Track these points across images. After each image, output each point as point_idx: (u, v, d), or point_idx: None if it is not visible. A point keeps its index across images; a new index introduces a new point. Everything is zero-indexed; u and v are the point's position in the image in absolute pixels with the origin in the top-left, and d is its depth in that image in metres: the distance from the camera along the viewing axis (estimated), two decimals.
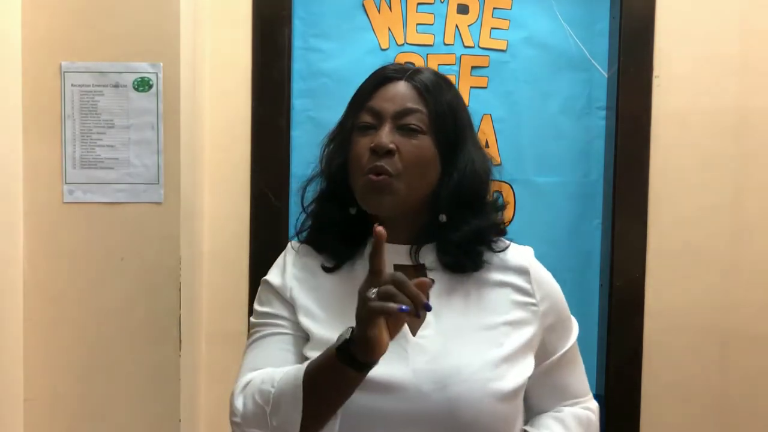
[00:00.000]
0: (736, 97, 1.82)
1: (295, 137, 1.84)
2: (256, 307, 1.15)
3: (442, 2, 1.86)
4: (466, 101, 1.85)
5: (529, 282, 1.11)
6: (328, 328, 1.05)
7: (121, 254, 1.57)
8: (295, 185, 1.85)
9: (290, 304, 1.10)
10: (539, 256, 1.86)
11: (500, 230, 1.14)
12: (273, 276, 1.15)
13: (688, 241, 1.83)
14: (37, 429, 1.58)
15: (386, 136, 1.04)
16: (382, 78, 1.10)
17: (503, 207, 1.15)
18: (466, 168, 1.09)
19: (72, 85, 1.56)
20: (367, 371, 0.92)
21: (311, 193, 1.17)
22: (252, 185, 1.81)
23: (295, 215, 1.81)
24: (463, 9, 1.86)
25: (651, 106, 1.82)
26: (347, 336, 0.92)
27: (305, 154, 1.85)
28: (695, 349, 1.85)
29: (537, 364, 1.12)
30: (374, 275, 0.91)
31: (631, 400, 1.85)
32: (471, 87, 1.86)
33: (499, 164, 1.21)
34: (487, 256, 1.10)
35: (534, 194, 1.88)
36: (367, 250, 1.09)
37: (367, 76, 1.81)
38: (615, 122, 1.83)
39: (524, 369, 1.06)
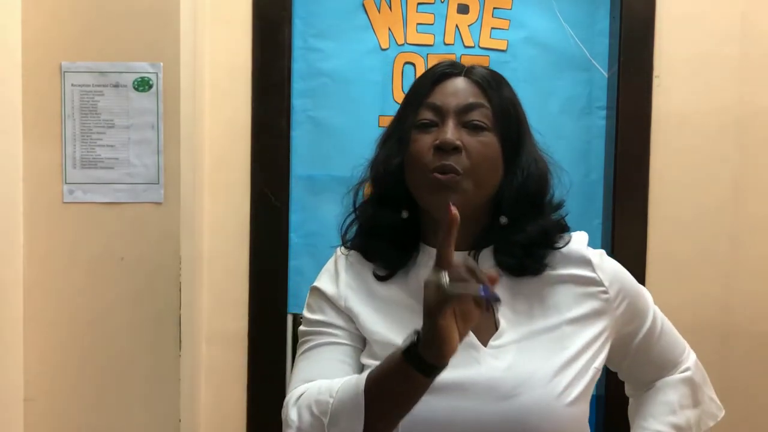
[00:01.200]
0: (736, 97, 1.82)
1: (295, 137, 1.84)
2: (307, 314, 1.10)
3: (442, 2, 1.86)
4: None
5: (593, 270, 1.06)
6: (388, 333, 1.01)
7: (121, 254, 1.57)
8: (295, 185, 1.85)
9: (345, 314, 1.06)
10: None
11: (563, 228, 1.09)
12: (324, 283, 1.09)
13: (688, 241, 1.83)
14: (37, 429, 1.58)
15: (452, 132, 0.99)
16: (439, 74, 1.04)
17: (561, 204, 1.10)
18: (530, 167, 1.05)
19: (72, 84, 1.56)
20: (436, 375, 0.87)
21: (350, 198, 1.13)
22: (252, 185, 1.80)
23: (296, 214, 1.84)
24: (463, 9, 1.86)
25: (651, 106, 1.82)
26: (414, 338, 0.86)
27: (305, 154, 1.85)
28: (695, 349, 1.83)
29: (623, 348, 1.10)
30: (443, 264, 0.84)
31: None
32: None
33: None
34: (549, 256, 1.06)
35: None
36: (420, 257, 1.06)
37: (367, 75, 1.85)
38: (615, 122, 1.83)
39: (594, 366, 1.02)
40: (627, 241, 1.83)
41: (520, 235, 1.03)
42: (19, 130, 1.55)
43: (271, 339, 1.81)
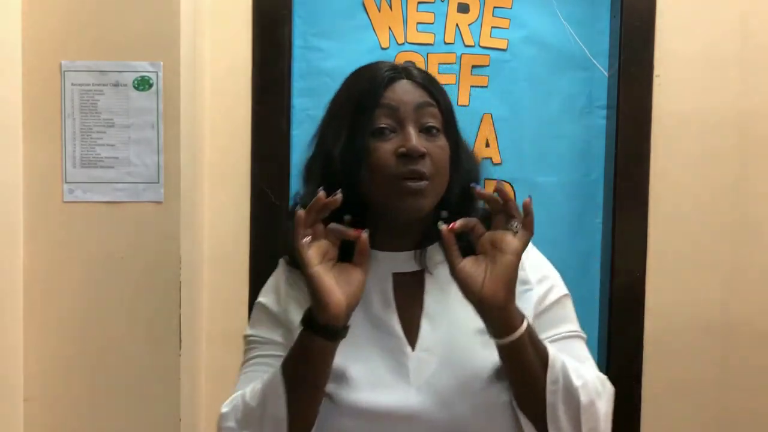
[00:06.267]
0: (736, 97, 1.82)
1: (295, 136, 1.84)
2: (247, 329, 1.12)
3: (442, 1, 1.86)
4: (466, 100, 1.87)
5: (523, 268, 1.05)
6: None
7: (121, 254, 1.57)
8: (295, 184, 1.84)
9: (285, 327, 1.06)
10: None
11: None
12: (267, 298, 1.11)
13: (688, 239, 1.83)
14: (37, 429, 1.57)
15: (416, 139, 0.99)
16: (388, 78, 1.03)
17: None
18: (469, 161, 1.08)
19: (72, 84, 1.55)
20: (335, 337, 0.93)
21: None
22: (252, 184, 1.80)
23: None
24: (463, 8, 1.86)
25: (651, 105, 1.82)
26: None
27: (305, 153, 1.85)
28: (696, 348, 1.85)
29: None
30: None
31: (631, 400, 1.84)
32: (471, 86, 1.86)
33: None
34: None
35: (534, 193, 1.87)
36: (372, 263, 1.04)
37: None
38: (615, 121, 1.83)
39: None
40: (627, 241, 1.83)
41: None
42: (19, 129, 1.55)
43: None
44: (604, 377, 1.04)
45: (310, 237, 0.93)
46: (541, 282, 1.09)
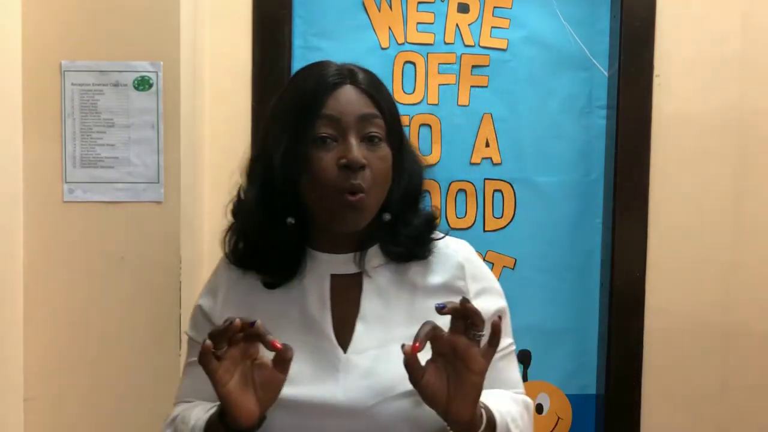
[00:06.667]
0: (736, 97, 1.82)
1: None
2: (187, 330, 1.13)
3: (442, 1, 1.86)
4: (466, 100, 1.87)
5: (464, 278, 1.07)
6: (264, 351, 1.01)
7: (121, 254, 1.57)
8: None
9: None
10: (540, 256, 1.88)
11: (436, 214, 1.12)
12: (204, 300, 1.11)
13: (688, 240, 1.84)
14: (37, 429, 1.57)
15: (356, 149, 0.99)
16: (331, 85, 1.02)
17: (425, 191, 1.13)
18: (413, 166, 1.08)
19: (72, 84, 1.55)
20: None
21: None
22: None
23: None
24: (463, 8, 1.86)
25: (651, 105, 1.82)
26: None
27: None
28: (695, 349, 1.85)
29: None
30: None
31: (631, 400, 1.85)
32: (471, 86, 1.86)
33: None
34: (430, 256, 1.08)
35: (534, 193, 1.88)
36: (309, 264, 1.06)
37: None
38: (615, 121, 1.83)
39: None
40: (627, 241, 1.83)
41: (407, 228, 1.06)
42: (19, 129, 1.55)
43: None
44: (529, 401, 1.09)
45: (224, 349, 0.89)
46: (479, 295, 1.08)
